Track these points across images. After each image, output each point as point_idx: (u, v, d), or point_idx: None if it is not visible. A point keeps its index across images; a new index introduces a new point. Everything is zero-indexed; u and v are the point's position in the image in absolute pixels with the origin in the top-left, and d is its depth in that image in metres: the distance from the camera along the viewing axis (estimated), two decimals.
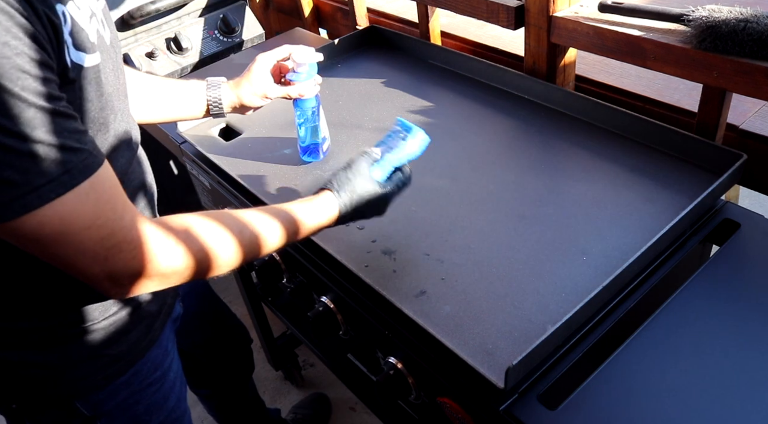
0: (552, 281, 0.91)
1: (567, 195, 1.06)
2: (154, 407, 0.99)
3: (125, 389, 0.92)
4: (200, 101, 1.12)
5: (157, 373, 0.97)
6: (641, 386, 0.78)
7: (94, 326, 0.86)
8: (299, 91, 1.12)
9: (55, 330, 0.83)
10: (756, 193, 1.12)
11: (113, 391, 0.91)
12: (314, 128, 1.18)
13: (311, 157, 1.21)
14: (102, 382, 0.90)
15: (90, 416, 0.91)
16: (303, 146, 1.20)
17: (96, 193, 0.65)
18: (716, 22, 0.96)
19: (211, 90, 1.12)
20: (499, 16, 1.28)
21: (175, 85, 1.13)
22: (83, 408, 0.90)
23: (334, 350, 1.28)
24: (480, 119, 1.28)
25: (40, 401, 0.89)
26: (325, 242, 1.00)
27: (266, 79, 1.13)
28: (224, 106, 1.13)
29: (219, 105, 1.12)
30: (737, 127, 1.10)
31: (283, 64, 1.15)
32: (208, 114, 1.14)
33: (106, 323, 0.87)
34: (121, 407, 0.93)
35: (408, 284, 0.94)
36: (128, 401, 0.94)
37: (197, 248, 0.74)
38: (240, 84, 1.13)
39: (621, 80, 1.28)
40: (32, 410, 0.90)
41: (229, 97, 1.13)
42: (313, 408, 1.89)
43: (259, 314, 1.80)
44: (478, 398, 0.81)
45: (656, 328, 0.85)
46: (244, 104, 1.14)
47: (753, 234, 0.97)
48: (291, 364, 2.00)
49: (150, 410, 0.98)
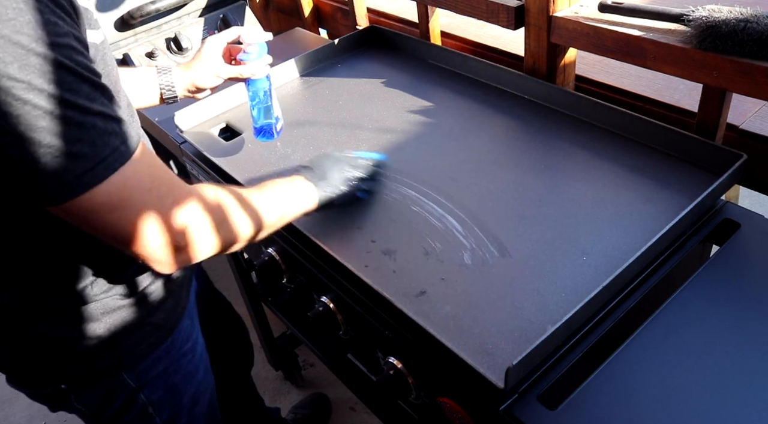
0: (552, 280, 0.91)
1: (567, 195, 1.06)
2: (188, 378, 1.04)
3: (165, 358, 0.97)
4: (153, 88, 1.13)
5: (189, 344, 1.02)
6: (641, 386, 0.78)
7: (137, 297, 0.89)
8: (250, 71, 1.13)
9: (104, 304, 0.87)
10: (756, 193, 1.12)
11: (155, 360, 0.96)
12: (267, 108, 1.19)
13: (265, 137, 1.22)
14: (146, 350, 0.94)
15: (135, 387, 0.95)
16: (256, 127, 1.21)
17: (146, 158, 0.68)
18: (716, 22, 0.96)
19: (162, 76, 1.13)
20: (499, 16, 1.28)
21: (127, 73, 1.13)
22: (129, 379, 0.94)
23: (334, 350, 1.28)
24: (480, 119, 1.28)
25: (89, 376, 0.92)
26: (325, 242, 1.00)
27: (217, 59, 1.14)
28: (177, 91, 1.15)
29: (172, 89, 1.14)
30: (737, 127, 1.10)
31: (233, 47, 1.17)
32: (162, 101, 1.16)
33: (147, 293, 0.91)
34: (162, 377, 0.98)
35: (408, 284, 0.94)
36: (168, 371, 0.99)
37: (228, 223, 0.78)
38: (191, 66, 1.15)
39: (621, 80, 1.28)
40: (81, 387, 0.92)
41: (182, 80, 1.14)
42: (313, 408, 1.89)
43: (259, 314, 1.80)
44: (478, 398, 0.81)
45: (656, 328, 0.85)
46: (197, 86, 1.16)
47: (753, 234, 0.97)
48: (291, 364, 2.00)
49: (185, 380, 1.03)
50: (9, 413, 2.11)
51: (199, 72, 1.14)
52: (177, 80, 1.13)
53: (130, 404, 0.97)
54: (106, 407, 0.96)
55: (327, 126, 1.32)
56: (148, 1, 1.70)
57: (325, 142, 1.27)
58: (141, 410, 0.99)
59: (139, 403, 0.97)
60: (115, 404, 0.96)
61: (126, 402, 0.96)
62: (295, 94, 1.47)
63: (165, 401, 1.01)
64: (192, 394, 1.06)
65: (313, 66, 1.55)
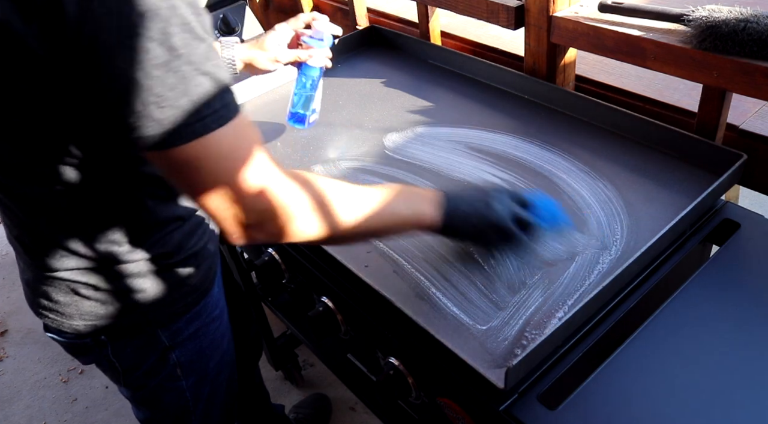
0: (552, 280, 0.91)
1: (566, 195, 1.06)
2: (215, 344, 1.07)
3: (197, 320, 1.00)
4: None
5: (216, 311, 1.05)
6: (641, 386, 0.78)
7: (180, 258, 0.93)
8: (308, 54, 1.18)
9: (152, 262, 0.90)
10: (756, 193, 1.12)
11: (188, 321, 0.99)
12: (309, 97, 1.22)
13: (297, 123, 1.23)
14: (182, 310, 0.97)
15: (168, 346, 0.98)
16: (292, 111, 1.23)
17: (243, 130, 0.70)
18: (716, 22, 0.96)
19: (226, 50, 1.18)
20: (499, 16, 1.28)
21: None
22: (164, 337, 0.97)
23: (334, 350, 1.28)
24: (480, 119, 1.28)
25: (129, 329, 0.95)
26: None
27: (281, 45, 1.19)
28: (237, 64, 1.19)
29: (233, 64, 1.18)
30: (737, 127, 1.10)
31: (301, 32, 1.21)
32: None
33: (188, 255, 0.94)
34: (192, 339, 1.01)
35: (408, 284, 0.94)
36: (198, 333, 1.01)
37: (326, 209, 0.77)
38: (254, 46, 1.20)
39: (621, 80, 1.28)
40: (119, 339, 0.95)
41: (241, 55, 1.19)
42: (314, 408, 1.89)
43: (259, 314, 1.80)
44: (478, 398, 0.81)
45: (656, 328, 0.85)
46: (255, 66, 1.20)
47: (753, 234, 0.97)
48: (291, 364, 2.00)
49: (212, 346, 1.06)
50: (9, 413, 2.11)
51: (259, 54, 1.19)
52: (237, 55, 1.18)
53: (161, 362, 1.00)
54: (140, 363, 0.99)
55: (327, 126, 1.32)
56: None
57: (325, 143, 1.27)
58: (170, 371, 1.02)
59: (170, 363, 1.01)
60: (148, 360, 0.99)
61: (158, 360, 1.00)
62: None
63: (193, 364, 1.04)
64: (217, 362, 1.09)
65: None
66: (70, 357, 2.20)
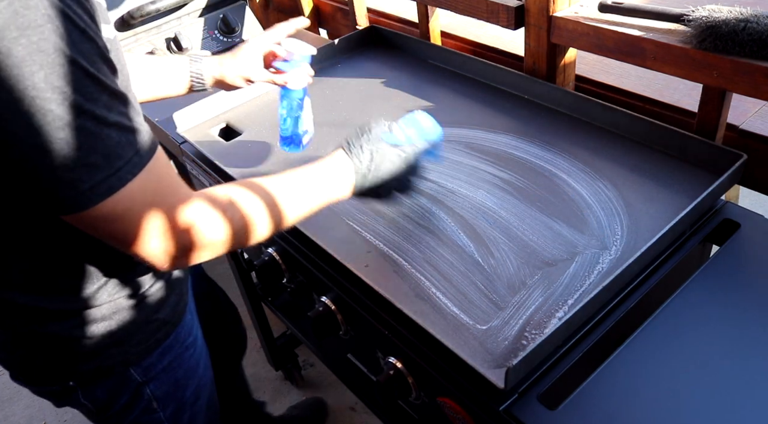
0: (552, 280, 0.91)
1: (566, 196, 1.06)
2: (190, 372, 1.05)
3: (169, 353, 0.98)
4: (183, 76, 1.11)
5: (190, 338, 1.04)
6: (641, 386, 0.78)
7: (144, 295, 0.91)
8: (284, 79, 1.11)
9: (114, 304, 0.88)
10: (756, 193, 1.12)
11: (161, 355, 0.97)
12: (297, 119, 1.16)
13: (291, 147, 1.20)
14: (153, 345, 0.95)
15: (141, 382, 0.97)
16: (284, 136, 1.19)
17: (158, 170, 0.68)
18: (716, 22, 0.96)
19: (194, 64, 1.12)
20: (499, 16, 1.28)
21: (157, 61, 1.12)
22: (136, 374, 0.95)
23: (334, 350, 1.28)
24: (480, 119, 1.28)
25: (98, 373, 0.93)
26: (325, 242, 1.00)
27: (254, 61, 1.12)
28: (206, 80, 1.13)
29: (201, 79, 1.12)
30: (737, 127, 1.10)
31: (276, 50, 1.14)
32: (190, 90, 1.14)
33: (153, 291, 0.92)
34: (167, 371, 0.99)
35: (408, 283, 0.94)
36: (172, 365, 1.00)
37: (240, 220, 0.77)
38: (223, 63, 1.13)
39: (621, 80, 1.28)
40: (88, 383, 0.94)
41: (211, 71, 1.12)
42: (311, 411, 1.89)
43: (259, 314, 1.80)
44: (478, 398, 0.81)
45: (656, 328, 0.85)
46: (225, 82, 1.14)
47: (753, 234, 0.97)
48: (291, 364, 2.00)
49: (187, 375, 1.04)
50: (9, 413, 2.11)
51: (230, 69, 1.12)
52: (206, 70, 1.12)
53: (135, 399, 0.98)
54: (112, 403, 0.97)
55: (327, 126, 1.32)
56: (148, 1, 1.70)
57: (325, 143, 1.27)
58: (146, 405, 1.00)
59: (144, 398, 0.99)
60: (121, 399, 0.97)
61: (132, 397, 0.97)
62: None
63: (169, 395, 1.02)
64: (194, 388, 1.07)
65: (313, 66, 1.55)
66: None
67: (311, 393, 1.99)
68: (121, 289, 0.88)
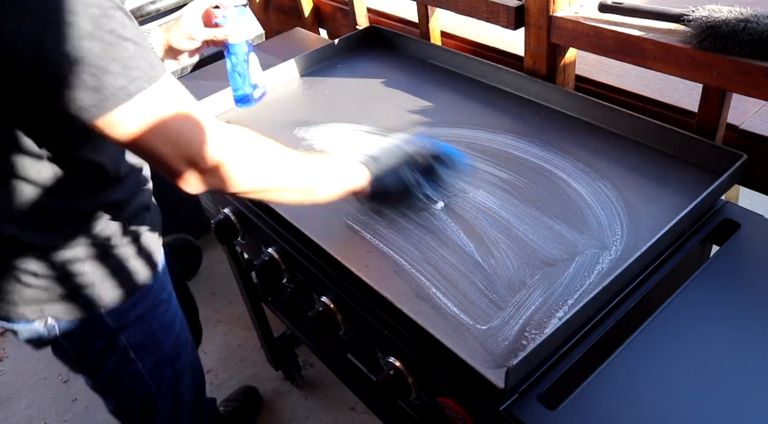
0: (552, 280, 0.91)
1: (566, 195, 1.06)
2: (165, 327, 1.12)
3: (141, 303, 1.05)
4: None
5: (164, 294, 1.10)
6: (641, 386, 0.78)
7: (119, 243, 0.99)
8: (224, 33, 1.16)
9: (93, 245, 0.96)
10: (756, 193, 1.12)
11: (133, 303, 1.03)
12: (242, 74, 1.20)
13: (243, 104, 1.24)
14: (127, 292, 1.02)
15: (114, 329, 1.03)
16: (236, 95, 1.22)
17: (174, 83, 0.77)
18: (716, 22, 0.96)
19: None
20: (499, 16, 1.28)
21: None
22: (109, 320, 1.02)
23: (334, 350, 1.28)
24: (480, 119, 1.28)
25: (71, 311, 0.99)
26: (325, 242, 1.00)
27: (195, 22, 1.17)
28: (157, 51, 1.17)
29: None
30: (737, 127, 1.10)
31: (212, 11, 1.19)
32: None
33: (127, 240, 1.00)
34: (140, 320, 1.06)
35: (408, 284, 0.94)
36: (146, 316, 1.06)
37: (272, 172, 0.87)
38: (170, 29, 1.18)
39: (621, 80, 1.28)
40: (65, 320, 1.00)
41: (159, 40, 1.17)
42: (242, 401, 1.93)
43: (259, 314, 1.80)
44: (478, 398, 0.81)
45: (656, 328, 0.85)
46: (172, 46, 1.18)
47: (753, 234, 0.97)
48: (291, 364, 2.00)
49: (162, 329, 1.11)
50: (9, 413, 2.11)
51: (175, 34, 1.17)
52: (154, 41, 1.17)
53: (111, 346, 1.04)
54: (89, 347, 1.04)
55: (327, 126, 1.32)
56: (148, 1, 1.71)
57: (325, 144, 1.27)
58: (123, 353, 1.06)
59: (120, 345, 1.05)
60: (97, 344, 1.03)
61: (108, 344, 1.04)
62: (295, 94, 1.47)
63: (146, 347, 1.08)
64: (172, 344, 1.13)
65: (313, 66, 1.55)
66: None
67: (311, 393, 1.99)
68: (98, 233, 0.95)
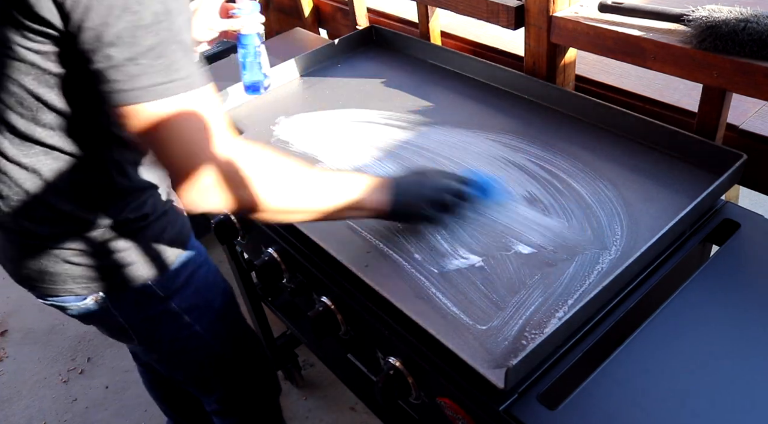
0: (552, 280, 0.91)
1: (567, 195, 1.06)
2: (211, 285, 1.18)
3: (184, 269, 1.10)
4: None
5: (201, 258, 1.15)
6: (641, 386, 0.78)
7: (154, 218, 1.03)
8: (240, 24, 1.24)
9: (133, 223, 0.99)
10: (756, 193, 1.12)
11: (176, 272, 1.08)
12: (253, 64, 1.30)
13: (253, 92, 1.36)
14: (167, 262, 1.06)
15: (163, 296, 1.08)
16: (246, 84, 1.33)
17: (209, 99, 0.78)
18: (716, 22, 0.96)
19: None
20: (499, 16, 1.28)
21: None
22: (156, 288, 1.06)
23: (334, 350, 1.28)
24: (480, 119, 1.28)
25: (120, 285, 1.03)
26: (325, 242, 1.00)
27: (212, 14, 1.24)
28: None
29: None
30: (737, 127, 1.10)
31: (228, 5, 1.26)
32: None
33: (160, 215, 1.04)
34: (187, 285, 1.11)
35: (408, 284, 0.94)
36: (191, 280, 1.12)
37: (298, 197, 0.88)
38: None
39: (621, 80, 1.28)
40: (115, 295, 1.04)
41: None
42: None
43: (259, 314, 1.81)
44: (478, 398, 0.81)
45: (656, 328, 0.85)
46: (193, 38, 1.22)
47: (753, 234, 0.97)
48: (291, 364, 2.00)
49: (209, 287, 1.17)
50: (9, 413, 2.11)
51: (194, 25, 1.20)
52: None
53: (164, 313, 1.10)
54: (141, 316, 1.09)
55: (327, 126, 1.32)
56: None
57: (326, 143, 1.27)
58: (178, 320, 1.12)
59: (173, 311, 1.10)
60: (149, 312, 1.09)
61: (161, 312, 1.09)
62: (295, 94, 1.47)
63: (199, 307, 1.14)
64: (222, 301, 1.20)
65: (313, 66, 1.55)
66: (70, 357, 2.21)
67: (311, 393, 1.99)
68: (136, 211, 0.99)
